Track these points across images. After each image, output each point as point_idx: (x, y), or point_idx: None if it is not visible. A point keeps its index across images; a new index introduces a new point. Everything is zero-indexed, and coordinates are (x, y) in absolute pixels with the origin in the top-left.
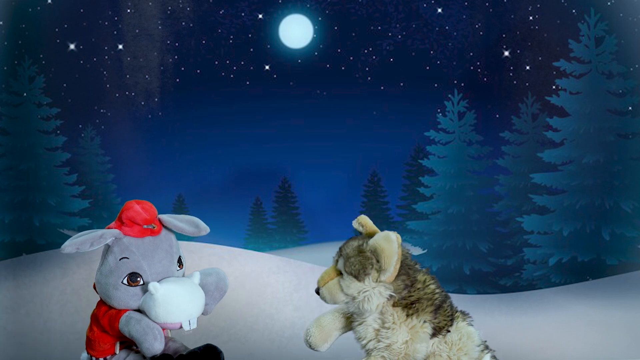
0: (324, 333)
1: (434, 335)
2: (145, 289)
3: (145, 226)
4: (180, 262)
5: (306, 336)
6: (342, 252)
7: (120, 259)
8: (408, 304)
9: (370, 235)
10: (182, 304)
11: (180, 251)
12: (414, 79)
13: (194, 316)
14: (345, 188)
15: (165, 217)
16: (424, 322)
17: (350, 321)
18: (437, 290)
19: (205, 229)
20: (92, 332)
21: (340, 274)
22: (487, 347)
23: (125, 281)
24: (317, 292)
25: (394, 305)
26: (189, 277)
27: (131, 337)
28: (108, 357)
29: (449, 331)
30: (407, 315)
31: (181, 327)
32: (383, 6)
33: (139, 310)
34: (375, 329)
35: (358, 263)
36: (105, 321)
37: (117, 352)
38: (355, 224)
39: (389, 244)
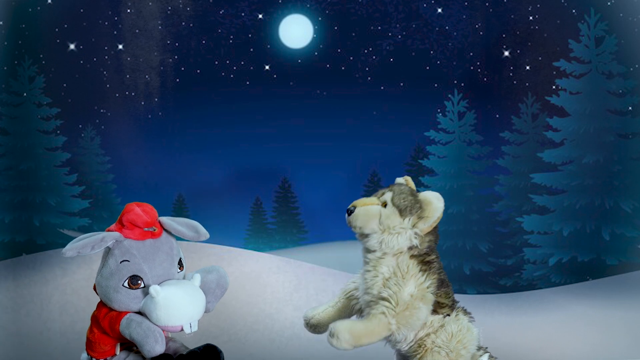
0: (324, 316)
1: (434, 310)
2: (146, 291)
3: (145, 229)
4: (180, 264)
5: (305, 317)
6: (392, 188)
7: (121, 262)
8: (424, 260)
9: None
10: (183, 307)
11: (180, 253)
12: (414, 79)
13: (195, 319)
14: (345, 188)
15: (165, 220)
16: (429, 286)
17: (350, 308)
18: (443, 271)
19: (205, 234)
20: (93, 333)
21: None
22: (487, 353)
23: (126, 284)
24: (349, 213)
25: (411, 257)
26: (190, 280)
27: (132, 340)
28: (108, 358)
29: (448, 315)
30: (420, 270)
31: (182, 329)
32: (383, 6)
33: (139, 313)
34: (386, 279)
35: (408, 201)
36: (106, 323)
37: (118, 353)
38: (400, 179)
39: (439, 202)
